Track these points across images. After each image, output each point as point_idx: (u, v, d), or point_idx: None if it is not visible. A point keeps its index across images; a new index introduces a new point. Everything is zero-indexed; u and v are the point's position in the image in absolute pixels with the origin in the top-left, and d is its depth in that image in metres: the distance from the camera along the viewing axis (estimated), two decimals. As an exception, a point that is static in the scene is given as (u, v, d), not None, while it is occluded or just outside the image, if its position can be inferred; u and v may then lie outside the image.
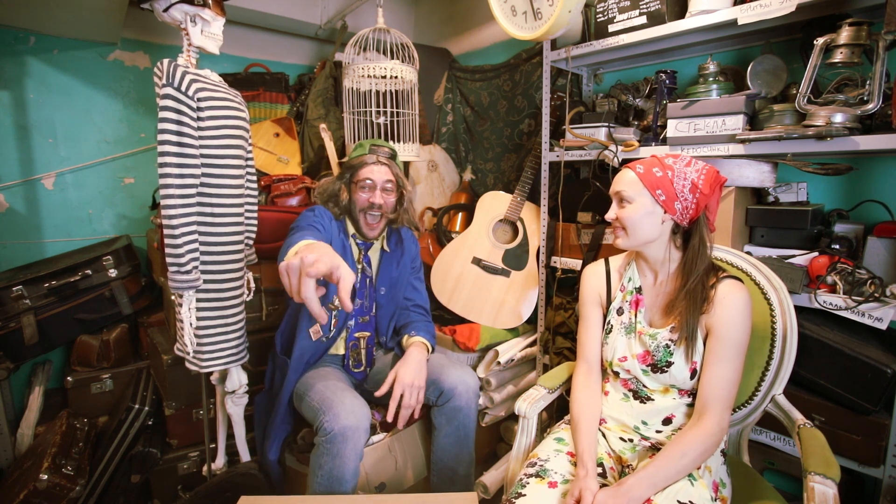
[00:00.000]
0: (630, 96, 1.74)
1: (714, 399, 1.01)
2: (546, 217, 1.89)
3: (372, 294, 1.59)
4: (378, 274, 1.60)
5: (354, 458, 1.26)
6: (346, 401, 1.31)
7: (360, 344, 1.58)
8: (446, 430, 1.45)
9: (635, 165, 1.09)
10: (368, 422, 1.31)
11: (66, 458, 1.64)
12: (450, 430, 1.45)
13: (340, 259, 0.88)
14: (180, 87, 1.26)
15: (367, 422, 1.31)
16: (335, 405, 1.29)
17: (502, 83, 2.38)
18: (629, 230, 1.08)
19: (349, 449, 1.25)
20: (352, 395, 1.35)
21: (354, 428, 1.26)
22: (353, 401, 1.31)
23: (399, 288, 1.64)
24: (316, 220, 1.42)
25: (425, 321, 1.66)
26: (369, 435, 1.33)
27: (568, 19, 1.45)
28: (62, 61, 2.14)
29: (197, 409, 1.80)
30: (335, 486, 1.25)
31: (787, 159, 1.28)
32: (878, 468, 1.18)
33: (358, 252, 1.57)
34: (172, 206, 1.27)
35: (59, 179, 2.18)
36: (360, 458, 1.29)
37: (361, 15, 2.46)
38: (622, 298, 1.17)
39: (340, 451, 1.24)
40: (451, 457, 1.46)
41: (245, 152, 1.49)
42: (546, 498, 0.98)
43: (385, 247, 1.62)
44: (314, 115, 2.30)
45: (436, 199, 2.47)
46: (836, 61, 1.17)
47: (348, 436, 1.25)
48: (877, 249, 1.26)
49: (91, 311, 1.94)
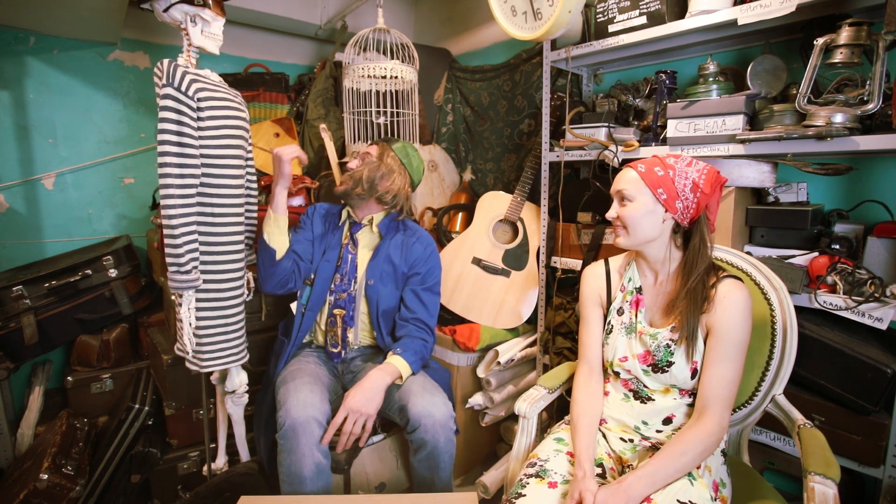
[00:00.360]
0: (630, 96, 1.74)
1: (714, 398, 1.01)
2: (546, 217, 1.89)
3: (353, 273, 1.58)
4: (369, 263, 1.58)
5: (309, 453, 1.21)
6: (301, 395, 1.29)
7: (336, 321, 1.57)
8: (419, 456, 1.36)
9: (637, 164, 1.09)
10: (323, 416, 1.27)
11: (66, 458, 1.64)
12: (421, 455, 1.35)
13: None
14: (180, 87, 1.26)
15: (322, 416, 1.27)
16: (289, 399, 1.28)
17: (502, 83, 2.38)
18: (630, 229, 1.08)
19: (303, 444, 1.21)
20: (308, 390, 1.32)
21: (304, 422, 1.22)
22: (307, 395, 1.29)
23: (391, 287, 1.59)
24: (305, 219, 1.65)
25: (421, 340, 1.52)
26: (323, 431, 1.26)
27: (568, 19, 1.45)
28: (62, 61, 2.14)
29: (197, 409, 1.80)
30: (296, 485, 1.20)
31: (787, 159, 1.28)
32: (878, 468, 1.18)
33: (347, 230, 1.62)
34: (172, 206, 1.27)
35: (59, 179, 2.18)
36: (321, 454, 1.23)
37: (361, 15, 2.46)
38: (622, 298, 1.17)
39: (293, 446, 1.21)
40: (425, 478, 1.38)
41: (245, 152, 1.49)
42: (546, 498, 0.98)
43: (375, 230, 1.61)
44: (314, 116, 2.30)
45: (436, 199, 2.47)
46: (836, 61, 1.17)
47: (299, 430, 1.21)
48: (877, 249, 1.26)
49: (91, 311, 1.94)
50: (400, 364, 1.41)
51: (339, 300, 1.57)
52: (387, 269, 1.59)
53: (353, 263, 1.59)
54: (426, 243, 1.63)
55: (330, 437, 1.28)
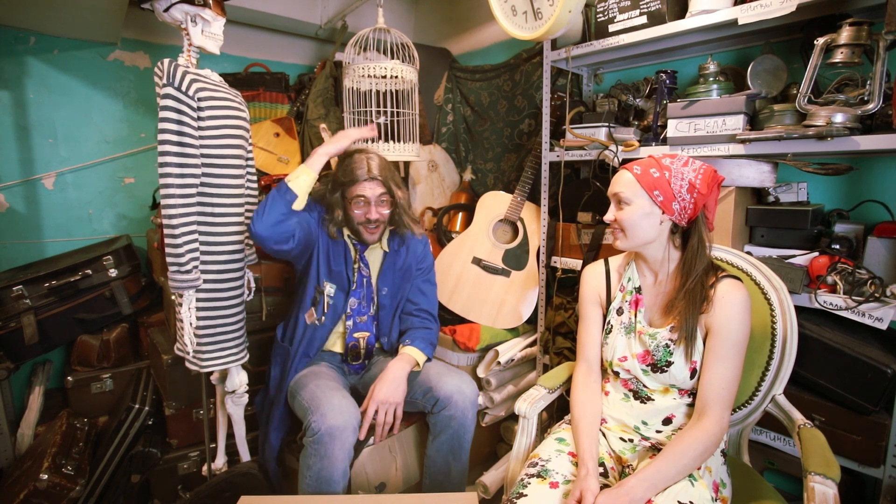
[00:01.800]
0: (630, 96, 1.74)
1: (714, 399, 1.01)
2: (546, 217, 1.89)
3: (370, 294, 1.59)
4: (380, 274, 1.59)
5: (343, 458, 1.25)
6: (335, 400, 1.30)
7: (359, 344, 1.59)
8: (441, 438, 1.43)
9: (632, 166, 1.09)
10: (357, 421, 1.30)
11: (66, 458, 1.64)
12: (444, 437, 1.42)
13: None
14: (181, 87, 1.26)
15: (356, 421, 1.30)
16: (323, 405, 1.29)
17: (502, 83, 2.38)
18: (627, 231, 1.08)
19: (337, 449, 1.24)
20: (341, 395, 1.34)
21: (342, 428, 1.25)
22: (341, 400, 1.31)
23: (402, 289, 1.62)
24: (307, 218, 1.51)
25: (425, 328, 1.60)
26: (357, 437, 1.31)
27: (568, 19, 1.45)
28: (62, 61, 2.14)
29: (197, 409, 1.80)
30: (324, 488, 1.23)
31: (787, 159, 1.28)
32: (878, 468, 1.18)
33: (355, 252, 1.56)
34: (173, 206, 1.27)
35: (59, 179, 2.18)
36: (350, 458, 1.27)
37: (361, 15, 2.46)
38: (622, 298, 1.17)
39: (328, 451, 1.23)
40: (443, 464, 1.44)
41: (245, 152, 1.49)
42: (547, 498, 0.98)
43: (384, 247, 1.60)
44: (314, 115, 2.30)
45: (436, 199, 2.47)
46: (837, 61, 1.17)
47: (335, 435, 1.24)
48: (877, 249, 1.26)
49: (91, 311, 1.94)
50: (414, 353, 1.50)
51: (360, 323, 1.58)
52: (396, 275, 1.60)
53: (367, 286, 1.58)
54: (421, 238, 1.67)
55: (366, 430, 1.35)
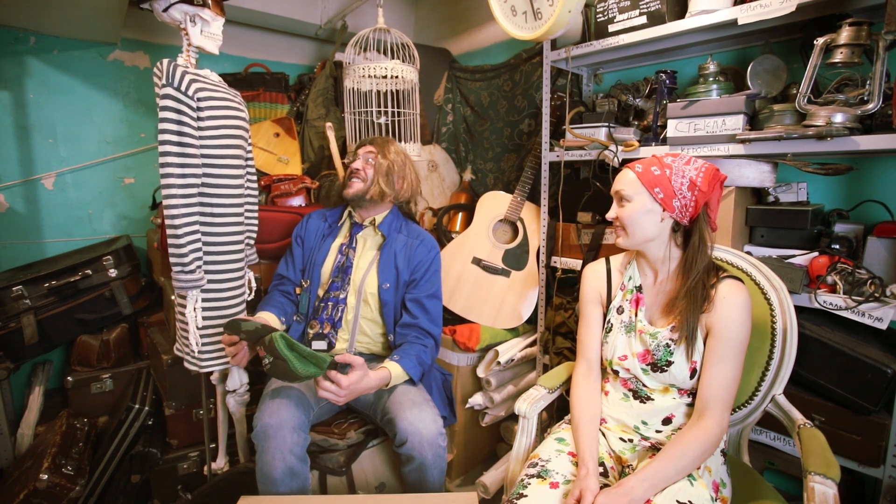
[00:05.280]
0: (630, 96, 1.74)
1: (714, 399, 1.01)
2: (546, 217, 1.89)
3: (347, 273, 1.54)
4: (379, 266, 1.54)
5: (280, 457, 1.22)
6: (275, 400, 1.31)
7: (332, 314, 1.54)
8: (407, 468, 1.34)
9: (635, 165, 1.10)
10: (296, 421, 1.28)
11: (66, 458, 1.64)
12: (409, 469, 1.33)
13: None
14: (180, 87, 1.26)
15: (294, 421, 1.27)
16: (263, 404, 1.32)
17: (502, 83, 2.38)
18: (628, 229, 1.09)
19: (271, 447, 1.23)
20: (284, 396, 1.33)
21: (275, 426, 1.25)
22: (280, 400, 1.31)
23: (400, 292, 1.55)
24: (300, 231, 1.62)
25: (418, 345, 1.47)
26: (303, 436, 1.28)
27: (568, 19, 1.45)
28: (62, 61, 2.14)
29: (197, 409, 1.80)
30: (266, 486, 1.23)
31: (787, 159, 1.28)
32: (878, 468, 1.18)
33: (348, 230, 1.61)
34: (175, 206, 1.27)
35: (59, 179, 2.18)
36: (294, 458, 1.24)
37: (361, 15, 2.46)
38: (622, 297, 1.17)
39: (264, 448, 1.24)
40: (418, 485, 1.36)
41: (245, 152, 1.49)
42: (547, 498, 0.98)
43: (376, 230, 1.56)
44: (314, 115, 2.30)
45: (436, 199, 2.47)
46: (837, 61, 1.17)
47: (269, 434, 1.24)
48: (877, 249, 1.26)
49: (91, 311, 1.94)
50: (394, 369, 1.36)
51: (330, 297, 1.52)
52: (393, 273, 1.54)
53: (349, 266, 1.54)
54: (430, 247, 1.58)
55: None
